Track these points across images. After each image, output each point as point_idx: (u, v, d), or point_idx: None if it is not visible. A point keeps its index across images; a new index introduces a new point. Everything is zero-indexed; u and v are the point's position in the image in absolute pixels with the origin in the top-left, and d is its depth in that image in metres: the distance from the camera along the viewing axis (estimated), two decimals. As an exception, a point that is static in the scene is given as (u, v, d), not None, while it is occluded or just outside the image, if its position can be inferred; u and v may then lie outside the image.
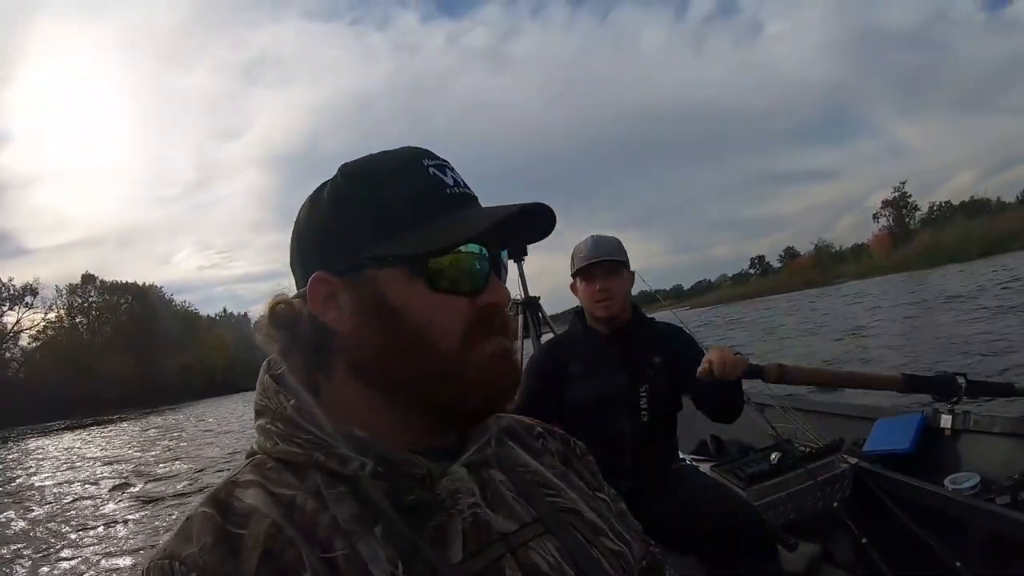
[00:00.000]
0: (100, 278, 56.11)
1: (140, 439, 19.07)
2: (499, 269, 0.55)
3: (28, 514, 8.37)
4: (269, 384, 0.54)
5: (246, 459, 0.54)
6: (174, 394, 46.76)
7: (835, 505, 1.88)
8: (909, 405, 2.15)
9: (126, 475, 11.07)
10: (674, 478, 1.79)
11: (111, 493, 9.31)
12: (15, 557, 6.16)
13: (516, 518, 0.54)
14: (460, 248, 0.51)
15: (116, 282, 56.65)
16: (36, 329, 51.56)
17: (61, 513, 8.18)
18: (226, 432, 16.57)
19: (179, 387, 49.18)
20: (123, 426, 27.21)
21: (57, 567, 5.68)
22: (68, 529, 7.17)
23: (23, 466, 15.26)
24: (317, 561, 0.45)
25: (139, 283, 58.03)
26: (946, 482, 1.75)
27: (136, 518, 7.30)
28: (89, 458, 15.22)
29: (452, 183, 0.54)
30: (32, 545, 6.58)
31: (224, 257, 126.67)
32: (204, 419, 23.90)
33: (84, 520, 7.55)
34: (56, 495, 9.82)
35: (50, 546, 6.45)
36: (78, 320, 54.68)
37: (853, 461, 1.99)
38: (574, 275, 1.87)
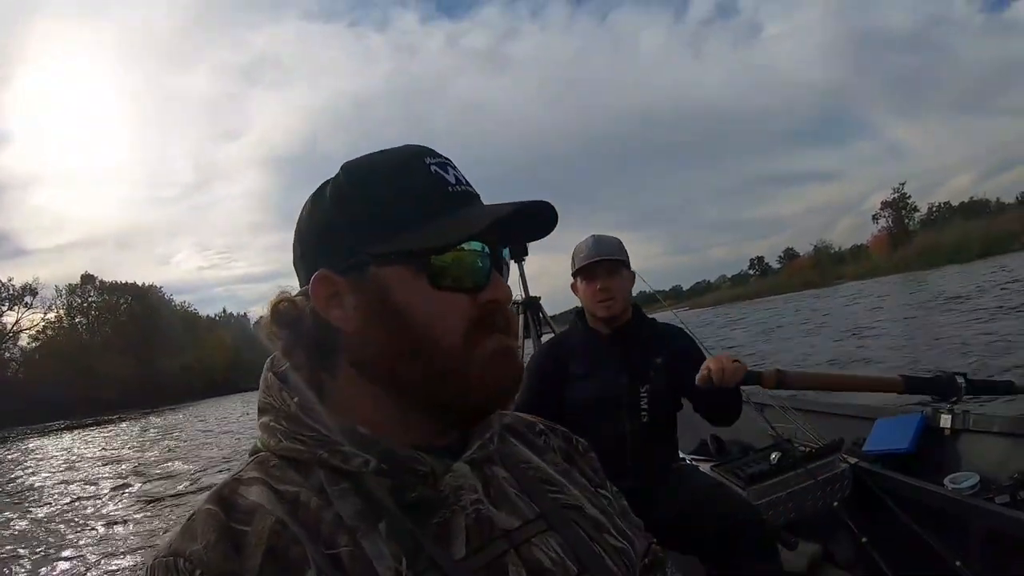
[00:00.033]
0: (99, 278, 56.13)
1: (140, 439, 19.05)
2: (501, 266, 0.55)
3: (28, 514, 8.36)
4: (273, 382, 0.54)
5: (250, 456, 0.54)
6: (174, 394, 46.60)
7: (835, 505, 1.88)
8: (909, 405, 2.14)
9: (126, 475, 11.07)
10: (674, 478, 1.79)
11: (111, 493, 9.30)
12: (15, 557, 6.15)
13: (519, 514, 0.54)
14: (462, 246, 0.51)
15: (116, 282, 56.66)
16: (35, 329, 51.59)
17: (61, 513, 8.17)
18: (226, 432, 16.55)
19: (179, 387, 49.03)
20: (123, 426, 27.16)
21: (57, 567, 5.67)
22: (68, 529, 7.16)
23: (23, 466, 15.24)
24: (321, 558, 0.45)
25: (139, 283, 58.05)
26: (946, 481, 1.75)
27: (136, 518, 7.29)
28: (89, 458, 15.19)
29: (454, 181, 0.54)
30: (32, 545, 6.57)
31: (223, 258, 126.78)
32: (204, 419, 23.86)
33: (83, 520, 7.54)
34: (56, 495, 9.81)
35: (50, 546, 6.45)
36: (77, 320, 54.65)
37: (853, 461, 1.99)
38: (575, 275, 1.86)
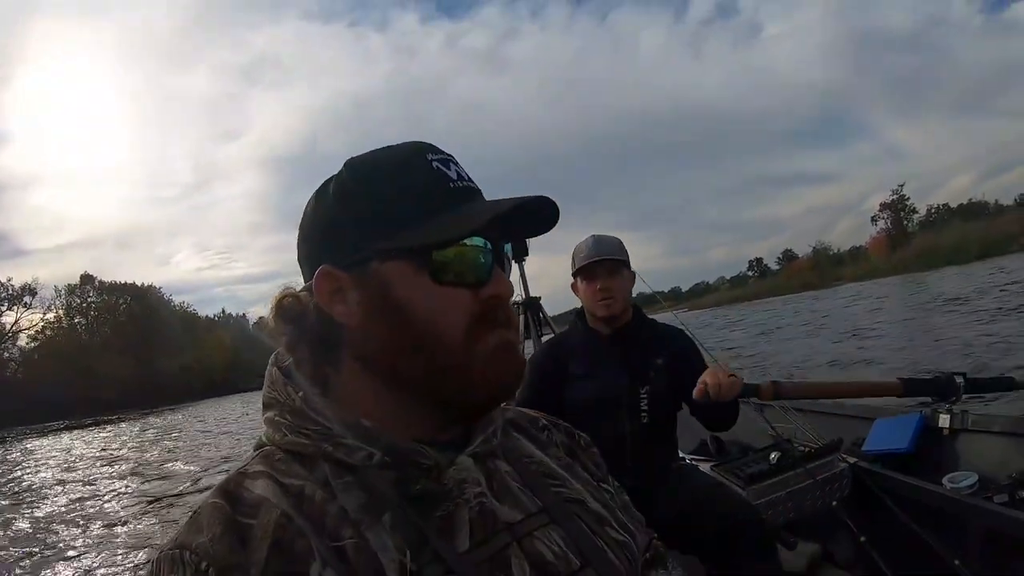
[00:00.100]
0: (99, 279, 56.08)
1: (139, 440, 18.99)
2: (503, 262, 0.56)
3: (27, 514, 8.33)
4: (277, 377, 0.55)
5: (254, 451, 0.54)
6: (173, 395, 46.53)
7: (834, 504, 1.88)
8: (908, 405, 2.15)
9: (125, 475, 11.05)
10: (674, 477, 1.79)
11: (110, 493, 9.28)
12: (14, 557, 6.14)
13: (522, 508, 0.54)
14: (464, 241, 0.52)
15: (115, 283, 56.62)
16: (35, 329, 51.53)
17: (60, 513, 8.15)
18: (225, 433, 16.54)
19: (178, 388, 48.96)
20: (122, 427, 27.08)
21: (56, 567, 5.66)
22: (67, 529, 7.15)
23: (22, 466, 15.21)
24: (326, 550, 0.46)
25: (138, 284, 57.99)
26: (944, 481, 1.75)
27: (135, 518, 7.27)
28: (88, 459, 15.16)
29: (456, 177, 0.54)
30: (31, 545, 6.56)
31: (223, 258, 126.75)
32: (203, 420, 23.83)
33: (83, 520, 7.52)
34: (55, 495, 9.78)
35: (49, 546, 6.43)
36: (77, 320, 54.56)
37: (852, 460, 1.99)
38: (575, 274, 1.86)
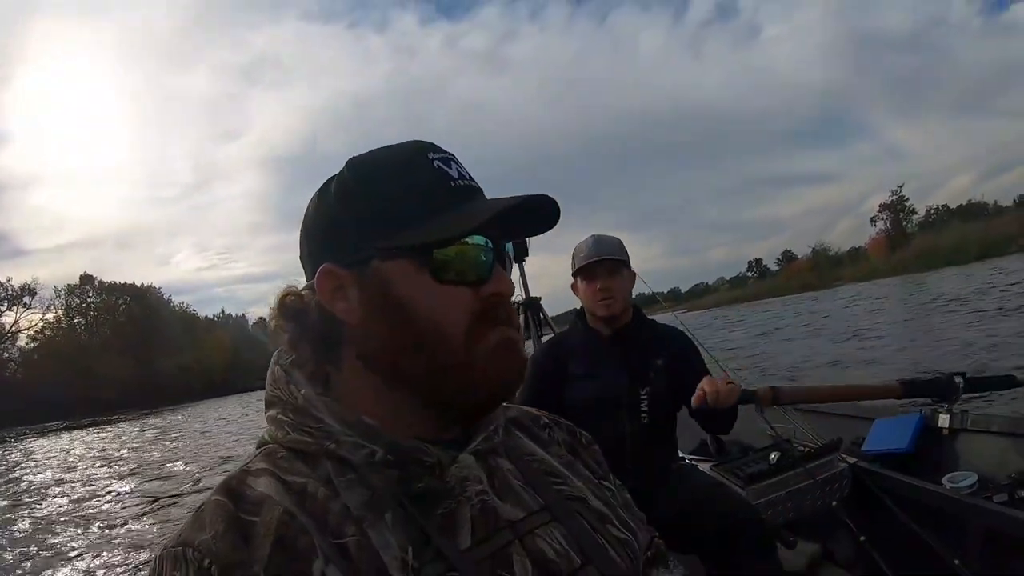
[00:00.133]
0: (98, 279, 56.00)
1: (139, 440, 18.99)
2: (503, 260, 0.56)
3: (27, 514, 8.33)
4: (279, 375, 0.55)
5: (257, 448, 0.54)
6: (173, 395, 46.49)
7: (834, 504, 1.88)
8: (907, 405, 2.15)
9: (125, 476, 11.05)
10: (674, 477, 1.79)
11: (110, 493, 9.28)
12: (14, 557, 6.14)
13: (523, 506, 0.54)
14: (465, 239, 0.52)
15: (115, 283, 56.52)
16: (34, 330, 51.45)
17: (60, 513, 8.15)
18: (225, 433, 16.55)
19: (178, 388, 48.89)
20: (122, 427, 27.06)
21: (56, 567, 5.66)
22: (66, 529, 7.14)
23: (22, 467, 15.21)
24: (329, 548, 0.46)
25: (138, 284, 57.89)
26: (944, 481, 1.75)
27: (134, 518, 7.27)
28: (88, 459, 15.16)
29: (457, 176, 0.54)
30: (31, 545, 6.55)
31: (223, 258, 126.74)
32: (203, 420, 23.82)
33: (82, 520, 7.52)
34: (55, 495, 9.78)
35: (49, 546, 6.43)
36: (76, 321, 54.48)
37: (852, 460, 1.99)
38: (575, 274, 1.86)
